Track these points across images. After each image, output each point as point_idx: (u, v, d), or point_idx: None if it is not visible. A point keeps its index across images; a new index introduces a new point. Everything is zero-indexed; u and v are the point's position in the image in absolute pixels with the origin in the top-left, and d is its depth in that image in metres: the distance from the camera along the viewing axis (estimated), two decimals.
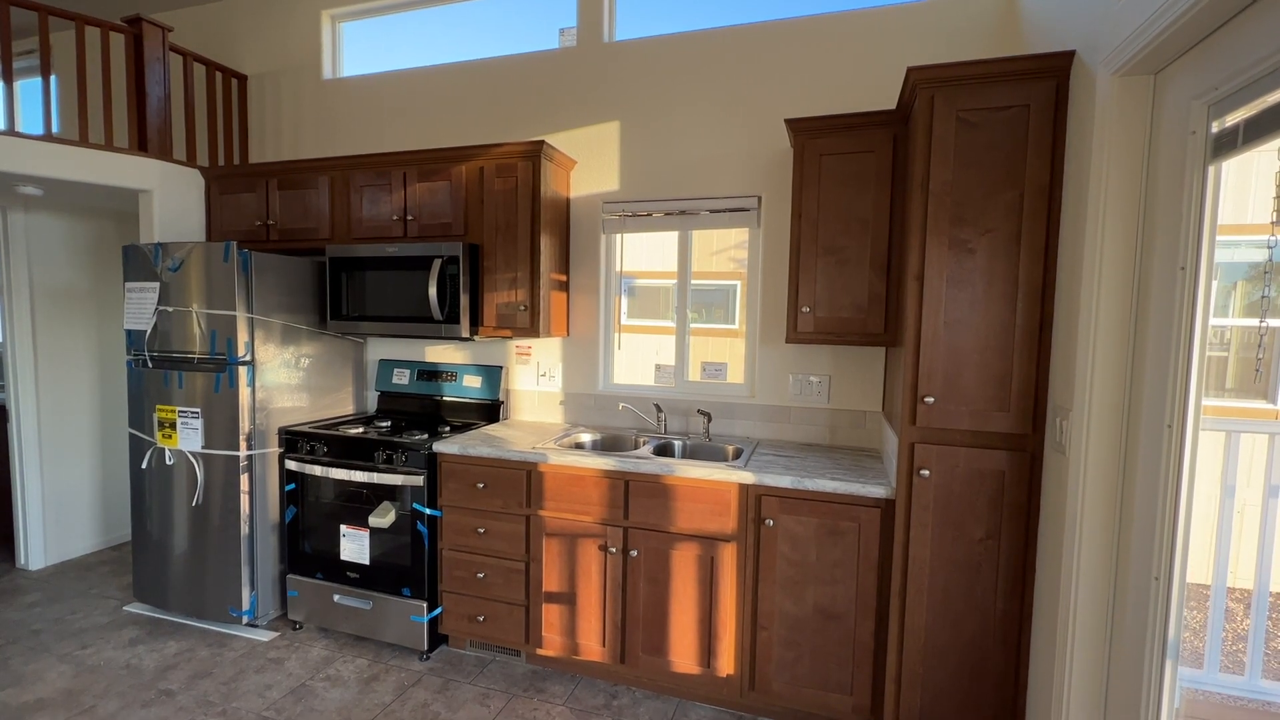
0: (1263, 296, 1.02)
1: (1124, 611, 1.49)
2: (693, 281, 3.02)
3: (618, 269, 3.14)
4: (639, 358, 3.31)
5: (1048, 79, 1.76)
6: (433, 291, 2.73)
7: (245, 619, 2.84)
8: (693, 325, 3.04)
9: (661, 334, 3.23)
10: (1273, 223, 1.01)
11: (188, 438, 2.81)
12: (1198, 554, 2.16)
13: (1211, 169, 1.24)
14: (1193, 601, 2.70)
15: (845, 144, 2.31)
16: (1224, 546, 2.18)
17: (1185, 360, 1.28)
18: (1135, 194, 1.46)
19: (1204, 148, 1.24)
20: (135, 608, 3.09)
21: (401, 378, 3.33)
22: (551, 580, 2.49)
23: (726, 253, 3.71)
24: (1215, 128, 1.22)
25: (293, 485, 2.87)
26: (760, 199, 2.79)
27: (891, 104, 2.52)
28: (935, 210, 1.87)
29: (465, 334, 2.80)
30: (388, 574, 2.70)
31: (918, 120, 1.90)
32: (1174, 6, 1.18)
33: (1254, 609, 2.20)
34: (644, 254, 3.48)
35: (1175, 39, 1.25)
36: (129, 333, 2.92)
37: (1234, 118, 1.18)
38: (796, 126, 2.35)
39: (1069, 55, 1.71)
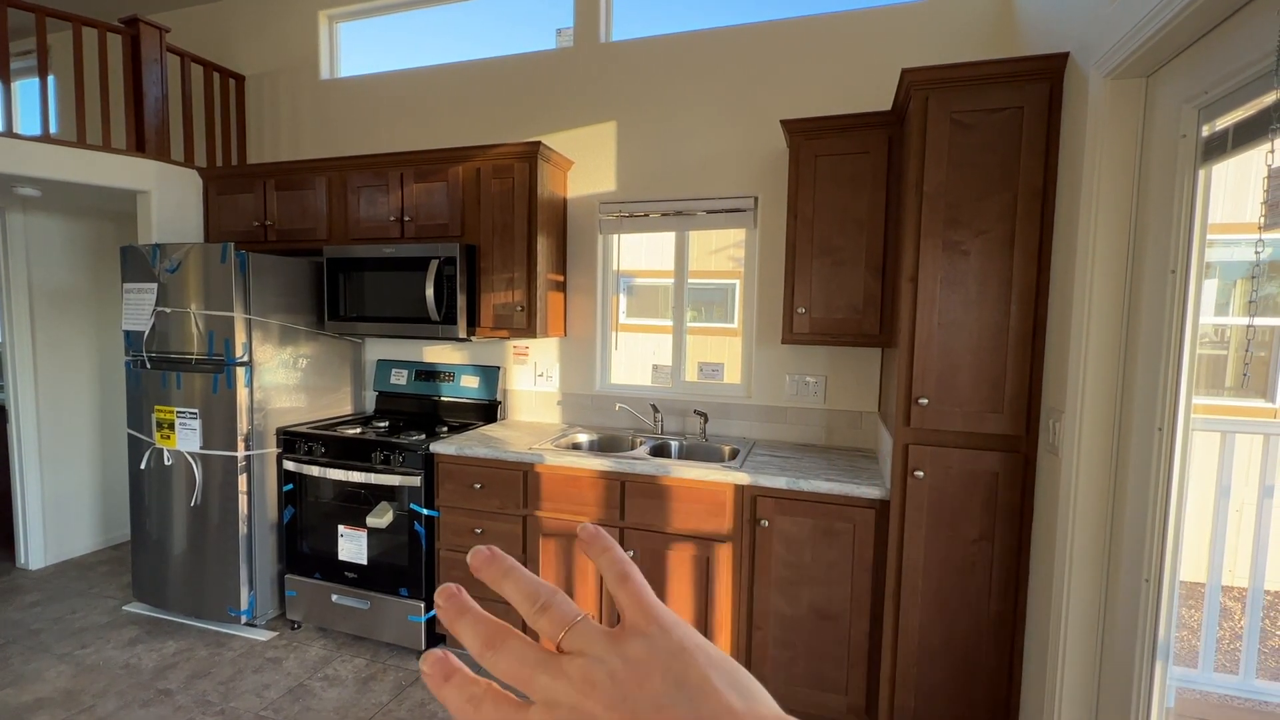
0: (1250, 301, 1.02)
1: (1115, 613, 1.49)
2: (692, 280, 3.02)
3: (615, 269, 3.14)
4: (636, 358, 3.32)
5: (1041, 81, 1.76)
6: (430, 292, 2.74)
7: (244, 619, 2.85)
8: (692, 324, 3.05)
9: (660, 332, 3.23)
10: (1260, 226, 1.01)
11: (186, 438, 2.82)
12: (1196, 554, 2.17)
13: (1202, 172, 1.24)
14: (1191, 600, 2.70)
15: (841, 145, 2.31)
16: (1219, 547, 2.19)
17: (1175, 364, 1.28)
18: (1127, 197, 1.47)
19: (1194, 151, 1.24)
20: (134, 607, 3.10)
21: (399, 378, 3.34)
22: (548, 580, 2.49)
23: (726, 251, 3.71)
24: (1205, 131, 1.23)
25: (291, 485, 2.88)
26: (757, 199, 2.79)
27: (887, 105, 2.52)
28: (929, 212, 1.87)
29: (462, 334, 2.81)
30: (385, 574, 2.71)
31: (912, 122, 1.91)
32: (1164, 11, 1.18)
33: (1248, 609, 2.21)
34: (643, 252, 3.49)
35: (1166, 42, 1.25)
36: (127, 333, 2.92)
37: (1224, 122, 1.18)
38: (792, 127, 2.35)
39: (1062, 57, 1.71)
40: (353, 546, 2.75)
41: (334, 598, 2.80)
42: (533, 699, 0.28)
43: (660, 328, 3.25)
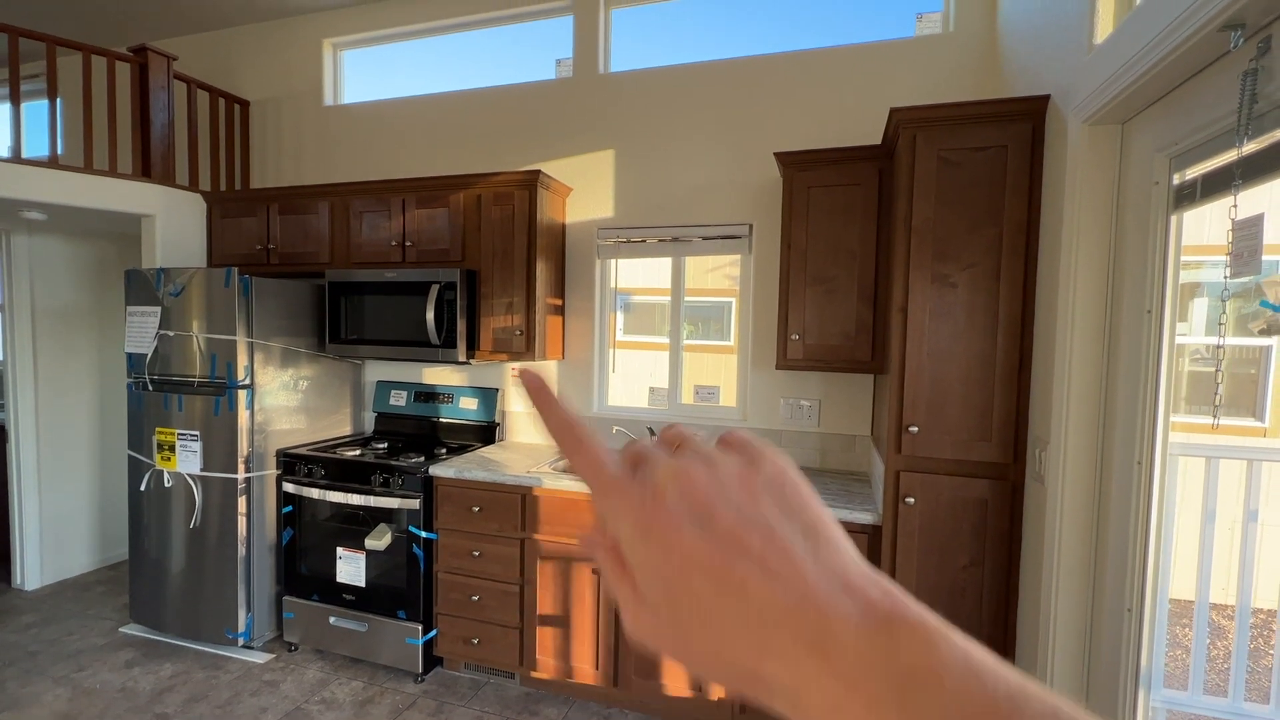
0: (1218, 346, 1.07)
1: (1100, 640, 1.53)
2: (689, 298, 3.07)
3: (613, 287, 3.19)
4: (633, 379, 3.36)
5: (1024, 121, 1.82)
6: (430, 316, 2.78)
7: (241, 641, 2.86)
8: (689, 341, 3.09)
9: (657, 349, 3.26)
10: (1225, 276, 1.06)
11: (186, 460, 2.85)
12: (1188, 573, 2.21)
13: (1174, 219, 1.30)
14: (1185, 618, 2.73)
15: (833, 177, 2.38)
16: (1205, 571, 2.23)
17: (1153, 399, 1.33)
18: (1106, 236, 1.52)
19: (1166, 198, 1.30)
20: (131, 629, 3.10)
21: (399, 399, 3.37)
22: (545, 603, 2.52)
23: (722, 269, 3.77)
24: (1177, 180, 1.28)
25: (290, 507, 2.90)
26: (751, 226, 2.85)
27: (878, 136, 2.59)
28: (918, 245, 1.93)
29: (462, 358, 2.85)
30: (383, 596, 2.73)
31: (901, 158, 1.97)
32: (1136, 65, 1.25)
33: (1236, 632, 2.24)
34: (640, 270, 3.54)
35: (1139, 94, 1.31)
36: (129, 355, 2.96)
37: (1193, 171, 1.24)
38: (785, 160, 2.42)
39: (1043, 99, 1.78)
40: (351, 568, 2.77)
41: (332, 620, 2.81)
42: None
43: (657, 345, 3.29)
